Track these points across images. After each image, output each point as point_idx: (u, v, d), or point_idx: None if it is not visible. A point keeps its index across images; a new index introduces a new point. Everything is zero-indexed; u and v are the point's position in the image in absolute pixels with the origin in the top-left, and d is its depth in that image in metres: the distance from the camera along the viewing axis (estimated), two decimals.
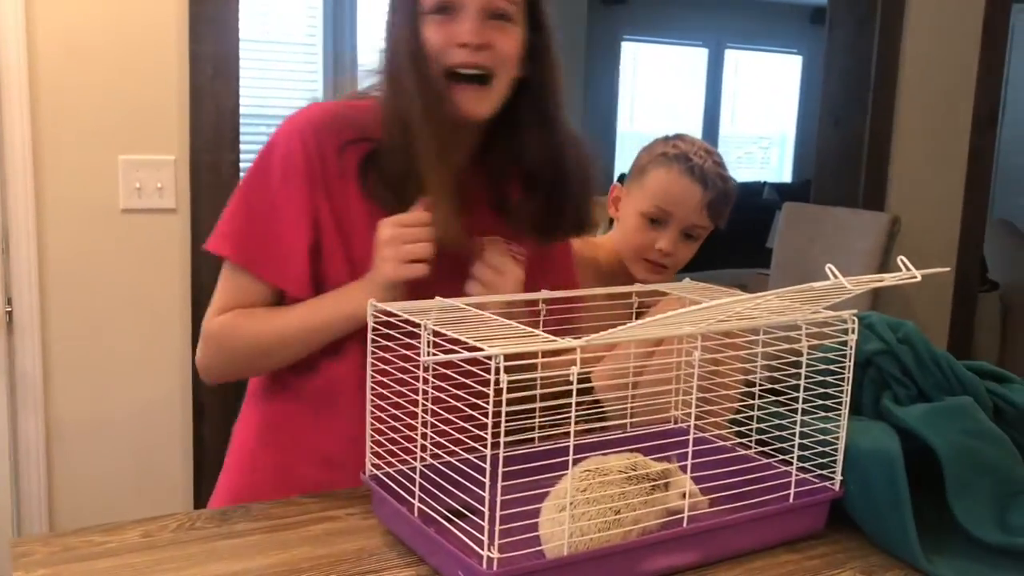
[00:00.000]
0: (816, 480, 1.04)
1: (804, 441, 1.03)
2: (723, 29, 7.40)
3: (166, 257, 2.18)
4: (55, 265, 2.08)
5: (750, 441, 1.10)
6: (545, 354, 0.83)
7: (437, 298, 1.00)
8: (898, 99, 3.42)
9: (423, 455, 0.95)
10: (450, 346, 0.85)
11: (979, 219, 3.73)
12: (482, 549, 0.82)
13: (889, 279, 0.94)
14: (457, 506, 0.90)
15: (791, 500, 1.00)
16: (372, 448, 1.00)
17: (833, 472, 1.03)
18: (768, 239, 5.01)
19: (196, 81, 2.25)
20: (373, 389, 0.99)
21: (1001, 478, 1.02)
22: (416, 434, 0.94)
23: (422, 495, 0.92)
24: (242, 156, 2.43)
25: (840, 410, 1.01)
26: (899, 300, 3.51)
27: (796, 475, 1.01)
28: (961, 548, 0.99)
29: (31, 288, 2.06)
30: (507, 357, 0.78)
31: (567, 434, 0.85)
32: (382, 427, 0.99)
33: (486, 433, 0.82)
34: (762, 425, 1.08)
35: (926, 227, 3.54)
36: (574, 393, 0.82)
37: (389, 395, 0.98)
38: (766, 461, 1.07)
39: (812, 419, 1.03)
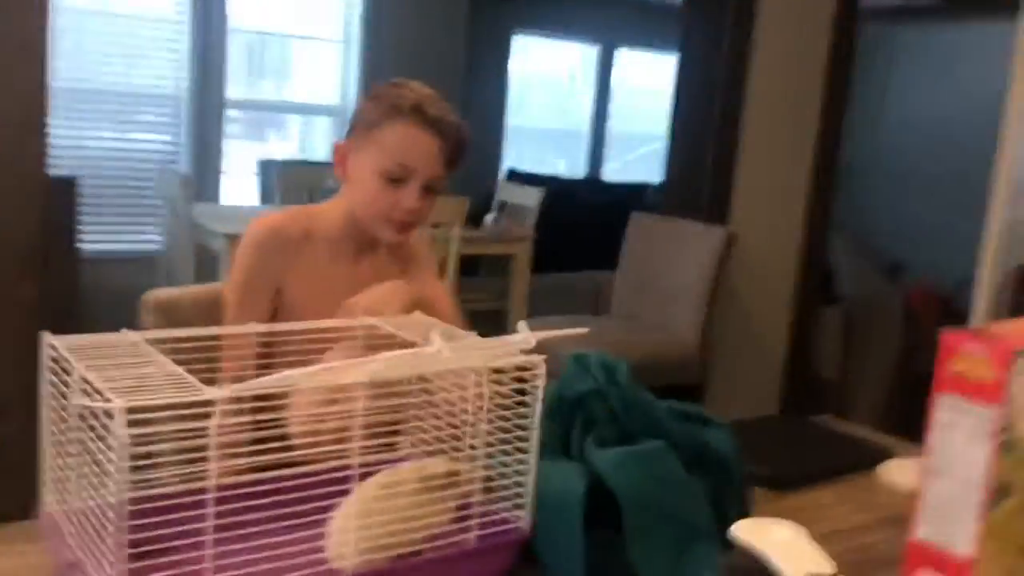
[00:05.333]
0: (511, 521, 1.06)
1: (503, 482, 1.05)
2: (614, 28, 7.47)
3: None
4: None
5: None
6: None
7: (124, 330, 0.98)
8: (745, 112, 3.51)
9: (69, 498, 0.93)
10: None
11: (820, 233, 3.87)
12: None
13: (508, 341, 0.98)
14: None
15: (473, 542, 1.02)
16: (49, 485, 0.98)
17: (522, 513, 1.05)
18: None
19: None
20: (52, 423, 0.97)
21: (681, 525, 1.06)
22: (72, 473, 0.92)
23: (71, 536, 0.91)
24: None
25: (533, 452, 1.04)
26: (738, 314, 3.62)
27: (483, 518, 1.03)
28: None
29: None
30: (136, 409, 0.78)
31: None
32: (57, 463, 0.97)
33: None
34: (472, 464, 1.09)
35: (765, 239, 3.65)
36: (214, 447, 0.81)
37: (62, 431, 0.96)
38: (469, 500, 1.08)
39: (512, 460, 1.05)
